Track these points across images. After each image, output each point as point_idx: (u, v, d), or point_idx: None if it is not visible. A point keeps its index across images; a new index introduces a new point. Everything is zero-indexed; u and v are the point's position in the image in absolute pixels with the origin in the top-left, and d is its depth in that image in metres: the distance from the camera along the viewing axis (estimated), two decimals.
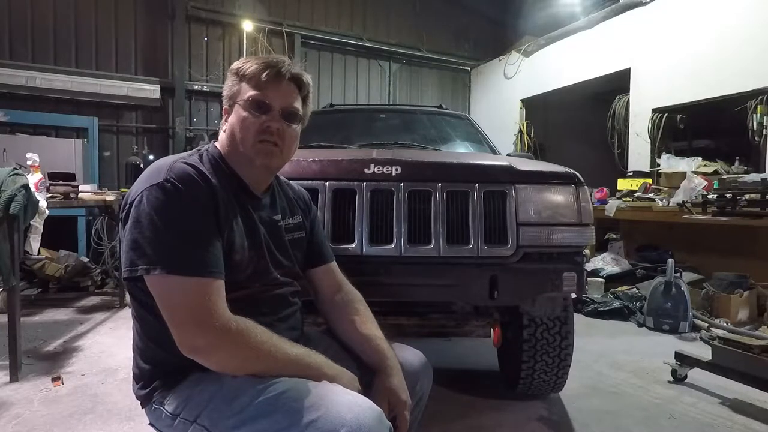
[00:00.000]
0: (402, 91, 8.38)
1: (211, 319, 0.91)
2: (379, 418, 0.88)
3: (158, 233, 0.92)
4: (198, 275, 0.92)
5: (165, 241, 0.92)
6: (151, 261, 0.91)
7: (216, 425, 0.92)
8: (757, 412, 2.26)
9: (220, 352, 0.92)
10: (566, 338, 2.07)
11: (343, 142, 2.73)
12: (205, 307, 0.91)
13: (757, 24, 4.54)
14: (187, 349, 0.92)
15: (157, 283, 0.92)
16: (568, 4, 7.39)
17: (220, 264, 0.97)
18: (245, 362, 0.93)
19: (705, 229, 4.36)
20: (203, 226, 0.97)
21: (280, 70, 1.06)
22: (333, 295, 1.26)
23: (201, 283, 0.92)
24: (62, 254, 4.77)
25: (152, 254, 0.91)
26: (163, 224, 0.92)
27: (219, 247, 0.98)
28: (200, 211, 0.97)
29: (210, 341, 0.91)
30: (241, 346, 0.92)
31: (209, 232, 0.97)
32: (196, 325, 0.90)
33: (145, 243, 0.92)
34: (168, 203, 0.94)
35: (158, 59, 6.56)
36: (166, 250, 0.92)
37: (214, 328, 0.90)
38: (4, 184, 2.37)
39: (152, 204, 0.93)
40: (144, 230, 0.92)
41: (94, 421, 2.06)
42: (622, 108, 6.05)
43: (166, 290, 0.92)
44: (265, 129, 1.05)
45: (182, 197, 0.95)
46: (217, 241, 0.98)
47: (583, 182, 1.88)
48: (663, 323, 3.60)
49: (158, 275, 0.91)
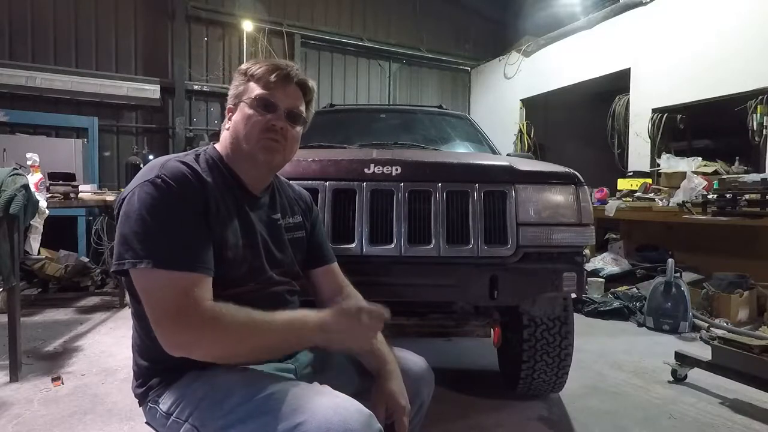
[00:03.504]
0: (402, 91, 8.38)
1: (188, 314, 0.89)
2: (367, 421, 0.87)
3: (146, 228, 0.92)
4: (183, 270, 0.92)
5: (152, 236, 0.92)
6: (137, 255, 0.91)
7: (205, 425, 0.92)
8: (757, 412, 2.26)
9: (201, 344, 0.91)
10: (566, 338, 2.07)
11: (343, 142, 2.73)
12: (186, 302, 0.90)
13: (757, 24, 4.54)
14: (169, 346, 0.91)
15: (142, 277, 0.93)
16: (568, 4, 7.39)
17: (207, 260, 0.96)
18: (232, 347, 0.92)
19: (705, 229, 4.36)
20: (192, 222, 0.97)
21: (289, 73, 1.10)
22: (333, 296, 1.26)
23: (184, 278, 0.92)
24: (62, 254, 4.77)
25: (139, 249, 0.91)
26: (152, 219, 0.93)
27: (208, 245, 0.98)
28: (189, 208, 0.97)
29: (190, 336, 0.90)
30: (220, 332, 0.90)
31: (197, 229, 0.97)
32: (175, 320, 0.90)
33: (132, 237, 0.92)
34: (157, 199, 0.94)
35: (158, 59, 6.56)
36: (153, 245, 0.92)
37: (192, 322, 0.89)
38: (4, 184, 2.37)
39: (142, 200, 0.94)
40: (133, 225, 0.93)
41: (94, 421, 2.06)
42: (622, 108, 6.05)
43: (149, 285, 0.92)
44: (270, 127, 1.07)
45: (172, 194, 0.96)
46: (205, 238, 0.98)
47: (583, 182, 1.88)
48: (663, 323, 3.60)
49: (143, 269, 0.91)
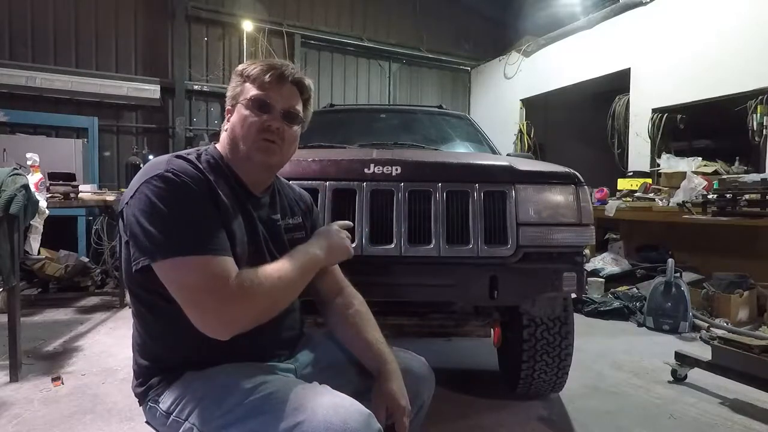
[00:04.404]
0: (402, 91, 8.38)
1: (223, 293, 0.91)
2: (366, 421, 0.87)
3: (164, 220, 0.92)
4: (208, 254, 0.92)
5: (173, 226, 0.92)
6: (162, 248, 0.91)
7: (205, 424, 0.92)
8: (757, 412, 2.26)
9: (241, 316, 0.93)
10: (566, 338, 2.07)
11: (343, 142, 2.72)
12: (217, 283, 0.91)
13: (757, 24, 4.53)
14: (213, 326, 0.92)
15: (171, 267, 0.92)
16: (568, 4, 7.38)
17: (227, 244, 0.97)
18: (269, 307, 0.99)
19: (705, 229, 4.35)
20: (206, 210, 0.97)
21: (284, 72, 1.09)
22: (334, 297, 1.26)
23: (211, 261, 0.92)
24: (62, 254, 4.77)
25: (163, 241, 0.91)
26: (169, 210, 0.93)
27: (224, 232, 0.98)
28: (203, 198, 0.98)
29: (229, 312, 0.91)
30: (254, 300, 0.94)
31: (212, 216, 0.98)
32: (217, 300, 0.91)
33: (153, 231, 0.92)
34: (171, 191, 0.94)
35: (158, 59, 6.55)
36: (175, 235, 0.92)
37: (227, 299, 0.91)
38: (4, 184, 2.37)
39: (155, 193, 0.93)
40: (150, 219, 0.92)
41: (94, 421, 2.06)
42: (622, 108, 6.04)
43: (179, 274, 0.92)
44: (266, 128, 1.06)
45: (185, 184, 0.96)
46: (221, 225, 0.98)
47: (583, 182, 1.88)
48: (663, 323, 3.60)
49: (171, 260, 0.91)
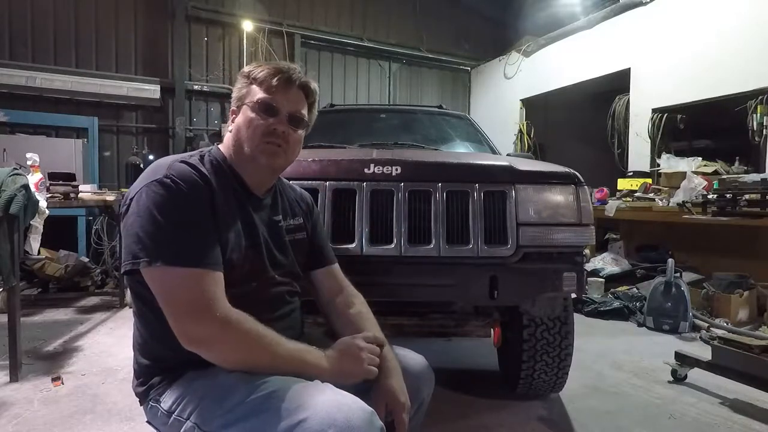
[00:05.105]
0: (402, 91, 8.37)
1: (211, 310, 0.92)
2: (369, 419, 0.87)
3: (158, 227, 0.93)
4: (198, 267, 0.93)
5: (165, 234, 0.93)
6: (151, 254, 0.92)
7: (207, 423, 0.92)
8: (757, 412, 2.26)
9: (222, 344, 0.93)
10: (566, 338, 2.07)
11: (343, 142, 2.72)
12: (206, 298, 0.92)
13: (757, 24, 4.53)
14: (188, 341, 0.93)
15: (158, 275, 0.93)
16: (568, 4, 7.38)
17: (217, 257, 0.98)
18: (247, 355, 0.94)
19: (705, 229, 4.35)
20: (202, 220, 0.99)
21: (291, 76, 1.10)
22: (334, 297, 1.26)
23: (202, 275, 0.93)
24: (62, 254, 4.77)
25: (153, 247, 0.92)
26: (163, 218, 0.94)
27: (216, 243, 0.99)
28: (198, 207, 0.99)
29: (211, 332, 0.92)
30: (242, 337, 0.93)
31: (207, 228, 0.99)
32: (197, 316, 0.91)
33: (145, 237, 0.93)
34: (168, 198, 0.95)
35: (158, 59, 6.55)
36: (166, 243, 0.93)
37: (216, 319, 0.91)
38: (4, 184, 2.37)
39: (152, 199, 0.95)
40: (144, 224, 0.93)
41: (94, 421, 2.06)
42: (622, 108, 6.04)
43: (166, 283, 0.93)
44: (272, 131, 1.07)
45: (181, 192, 0.97)
46: (215, 236, 1.00)
47: (583, 182, 1.88)
48: (663, 323, 3.60)
49: (159, 268, 0.92)
